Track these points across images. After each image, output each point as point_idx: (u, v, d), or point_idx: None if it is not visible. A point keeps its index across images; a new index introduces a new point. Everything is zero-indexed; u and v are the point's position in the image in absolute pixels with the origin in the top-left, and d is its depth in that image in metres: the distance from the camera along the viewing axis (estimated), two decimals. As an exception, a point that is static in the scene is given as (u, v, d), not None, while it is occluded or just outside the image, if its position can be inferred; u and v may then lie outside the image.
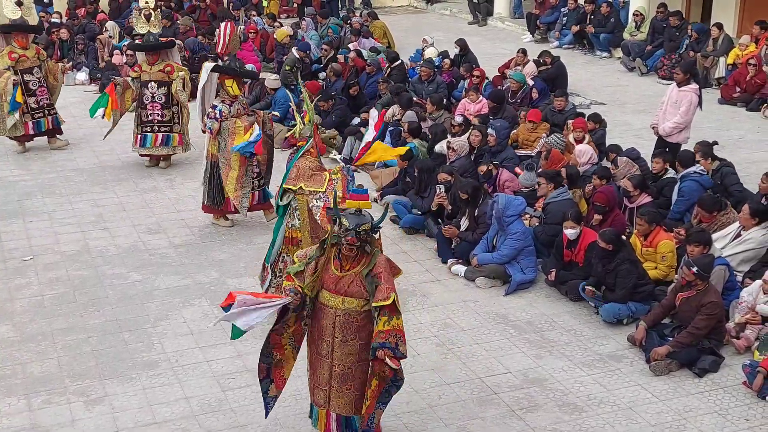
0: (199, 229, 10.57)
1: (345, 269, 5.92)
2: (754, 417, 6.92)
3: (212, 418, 6.91)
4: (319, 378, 6.12)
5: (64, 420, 6.90)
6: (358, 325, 5.94)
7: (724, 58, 15.94)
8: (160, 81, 12.07)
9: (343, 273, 5.91)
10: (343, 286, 5.90)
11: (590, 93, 15.94)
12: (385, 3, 25.57)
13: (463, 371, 7.55)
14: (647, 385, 7.35)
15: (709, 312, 7.49)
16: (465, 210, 9.65)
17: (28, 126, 13.04)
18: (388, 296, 5.73)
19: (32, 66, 12.90)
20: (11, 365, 7.66)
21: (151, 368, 7.62)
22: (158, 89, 12.08)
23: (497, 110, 12.73)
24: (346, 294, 5.90)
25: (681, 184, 9.70)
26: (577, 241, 8.83)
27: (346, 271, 5.91)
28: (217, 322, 6.45)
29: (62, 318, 8.47)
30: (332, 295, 5.94)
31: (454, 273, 9.39)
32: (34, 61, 12.95)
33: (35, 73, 12.95)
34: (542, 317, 8.49)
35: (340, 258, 5.93)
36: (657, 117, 11.50)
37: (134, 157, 13.08)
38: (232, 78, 10.12)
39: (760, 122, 14.35)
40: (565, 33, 19.74)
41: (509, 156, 11.17)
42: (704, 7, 19.73)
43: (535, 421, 6.87)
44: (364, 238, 5.84)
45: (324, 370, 6.06)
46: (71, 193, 11.76)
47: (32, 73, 12.93)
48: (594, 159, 10.80)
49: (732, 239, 8.67)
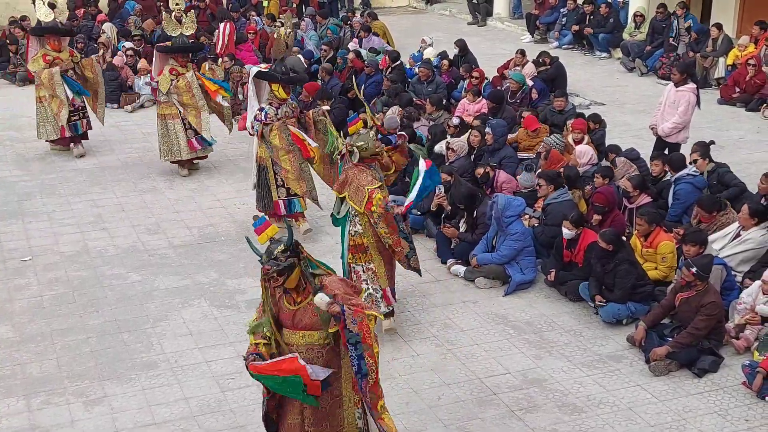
0: (199, 230, 10.57)
1: (297, 302, 5.53)
2: (754, 417, 6.92)
3: (211, 418, 6.91)
4: (291, 426, 5.69)
5: (63, 421, 6.90)
6: (324, 360, 5.53)
7: (723, 58, 15.94)
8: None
9: (296, 306, 5.53)
10: (299, 320, 5.52)
11: (590, 93, 15.94)
12: (385, 3, 25.57)
13: (463, 372, 7.55)
14: (647, 385, 7.35)
15: (708, 312, 7.49)
16: (463, 213, 9.66)
17: (65, 130, 12.95)
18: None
19: (66, 68, 12.82)
20: (10, 366, 7.66)
21: (151, 369, 7.61)
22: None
23: (497, 110, 12.72)
24: (303, 328, 5.51)
25: (676, 187, 9.69)
26: (577, 242, 8.83)
27: (298, 304, 5.52)
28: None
29: (61, 318, 8.46)
30: (291, 332, 5.56)
31: (453, 273, 9.39)
32: (68, 64, 12.87)
33: (70, 76, 12.87)
34: (542, 318, 8.49)
35: (289, 292, 5.54)
36: (655, 117, 11.50)
37: (134, 158, 13.09)
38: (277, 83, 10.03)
39: (759, 122, 14.35)
40: (565, 33, 19.74)
41: (508, 154, 11.15)
42: (704, 8, 19.73)
43: (534, 422, 6.87)
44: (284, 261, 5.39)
45: (294, 416, 5.65)
46: (70, 193, 11.76)
47: (67, 75, 12.83)
48: (594, 159, 10.80)
49: (731, 239, 8.66)
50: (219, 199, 11.47)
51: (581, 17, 19.39)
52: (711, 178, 9.89)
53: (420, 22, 23.51)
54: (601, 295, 8.34)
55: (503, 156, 11.05)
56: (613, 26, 18.77)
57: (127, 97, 15.84)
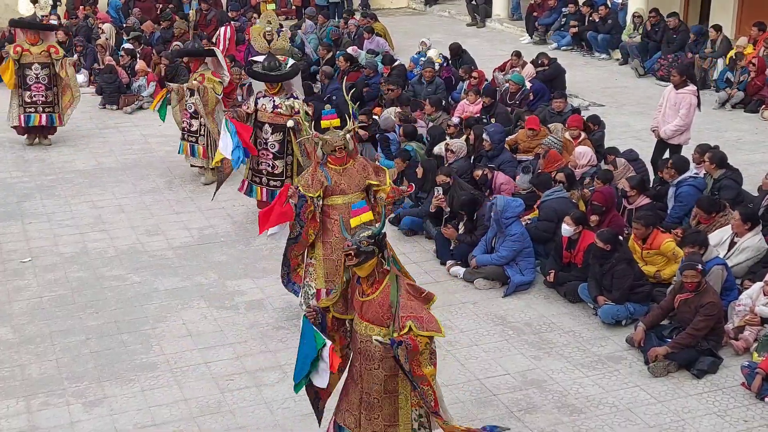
0: (198, 231, 10.56)
1: (366, 294, 5.64)
2: (753, 418, 6.93)
3: (211, 419, 6.91)
4: (351, 402, 5.87)
5: (62, 422, 6.90)
6: (381, 355, 5.61)
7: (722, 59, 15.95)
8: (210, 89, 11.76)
9: (364, 298, 5.65)
10: (366, 311, 5.64)
11: (589, 94, 15.94)
12: (384, 5, 25.57)
13: (462, 372, 7.55)
14: (646, 386, 7.35)
15: (707, 312, 7.49)
16: (462, 216, 9.67)
17: (21, 118, 13.41)
18: (403, 325, 5.39)
19: (33, 62, 13.19)
20: (10, 367, 7.66)
21: (150, 370, 7.61)
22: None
23: (491, 106, 12.80)
24: (368, 320, 5.62)
25: (678, 190, 9.68)
26: (576, 243, 8.84)
27: (367, 296, 5.63)
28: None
29: (61, 320, 8.46)
30: (359, 320, 5.69)
31: (452, 274, 9.39)
32: (38, 58, 13.21)
33: (34, 69, 13.22)
34: (541, 318, 8.49)
35: (360, 281, 5.68)
36: (656, 119, 11.50)
37: (134, 159, 13.09)
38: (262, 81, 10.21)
39: (758, 123, 14.36)
40: (564, 34, 19.75)
41: (506, 159, 11.15)
42: (702, 9, 19.73)
43: (533, 423, 6.87)
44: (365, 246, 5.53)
45: (355, 395, 5.82)
46: (70, 194, 11.76)
47: (31, 68, 13.23)
48: (594, 161, 10.79)
49: (728, 248, 8.63)
50: (218, 200, 11.46)
51: (581, 18, 19.40)
52: (713, 188, 9.79)
53: (419, 24, 23.50)
54: (601, 296, 8.35)
55: (502, 161, 11.05)
56: (612, 27, 18.78)
57: (126, 98, 15.84)
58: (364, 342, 5.65)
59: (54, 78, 13.33)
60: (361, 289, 5.67)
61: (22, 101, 13.33)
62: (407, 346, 5.28)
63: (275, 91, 10.16)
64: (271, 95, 10.17)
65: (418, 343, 5.32)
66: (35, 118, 13.41)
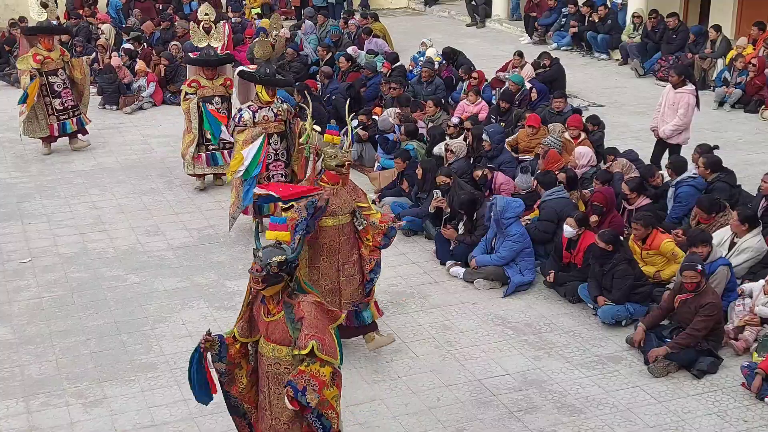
0: (198, 231, 10.56)
1: (272, 313, 5.49)
2: (753, 418, 6.93)
3: (211, 420, 6.91)
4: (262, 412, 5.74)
5: (62, 422, 6.90)
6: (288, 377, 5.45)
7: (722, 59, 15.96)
8: (222, 95, 11.48)
9: (269, 318, 5.50)
10: (272, 332, 5.49)
11: (588, 95, 15.95)
12: (383, 5, 25.57)
13: (462, 373, 7.55)
14: (646, 386, 7.36)
15: (707, 313, 7.50)
16: (462, 216, 9.67)
17: (53, 127, 13.09)
18: (305, 344, 5.26)
19: (57, 68, 12.95)
20: (9, 367, 7.66)
21: (150, 370, 7.61)
22: (222, 104, 11.41)
23: (507, 111, 12.78)
24: (274, 341, 5.49)
25: (677, 190, 9.68)
26: (577, 243, 8.84)
27: (272, 316, 5.48)
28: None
29: (60, 320, 8.46)
30: (265, 343, 5.55)
31: (452, 275, 9.39)
32: (59, 63, 13.00)
33: (60, 75, 12.98)
34: (541, 319, 8.49)
35: (264, 301, 5.53)
36: (655, 119, 11.51)
37: (133, 160, 13.09)
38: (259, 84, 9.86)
39: (757, 123, 14.36)
40: (563, 35, 19.76)
41: (506, 160, 11.16)
42: (702, 9, 19.74)
43: (533, 423, 6.87)
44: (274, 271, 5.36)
45: (265, 423, 5.68)
46: (69, 195, 11.76)
47: (57, 74, 12.96)
48: (593, 161, 10.80)
49: (728, 249, 8.63)
50: (218, 200, 11.47)
51: (580, 19, 19.41)
52: (707, 190, 9.76)
53: (419, 24, 23.51)
54: (601, 296, 8.35)
55: (502, 162, 11.06)
56: (612, 27, 18.79)
57: (126, 98, 15.84)
58: (273, 365, 5.52)
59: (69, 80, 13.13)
60: (267, 309, 5.54)
61: (53, 110, 12.99)
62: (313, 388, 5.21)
63: (270, 100, 9.89)
64: (267, 105, 9.87)
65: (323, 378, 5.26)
66: (70, 124, 13.21)
